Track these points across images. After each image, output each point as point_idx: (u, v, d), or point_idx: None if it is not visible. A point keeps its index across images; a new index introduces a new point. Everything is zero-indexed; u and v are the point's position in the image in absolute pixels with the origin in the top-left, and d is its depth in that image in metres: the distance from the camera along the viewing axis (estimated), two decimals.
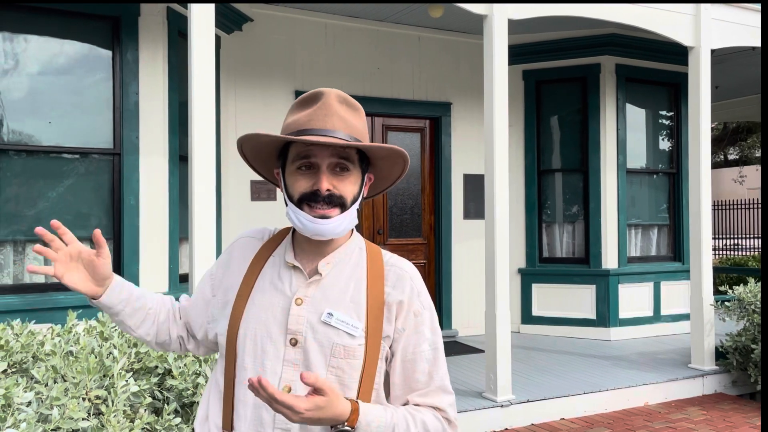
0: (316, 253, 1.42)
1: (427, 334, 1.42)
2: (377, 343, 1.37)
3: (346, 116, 1.37)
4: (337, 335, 1.35)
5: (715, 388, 5.67)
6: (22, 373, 2.47)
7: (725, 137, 19.24)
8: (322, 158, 1.34)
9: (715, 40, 5.90)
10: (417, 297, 1.43)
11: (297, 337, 1.35)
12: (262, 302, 1.39)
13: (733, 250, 18.57)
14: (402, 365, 1.40)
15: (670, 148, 7.73)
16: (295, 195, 1.36)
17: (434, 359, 1.42)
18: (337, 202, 1.34)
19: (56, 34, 4.68)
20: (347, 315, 1.36)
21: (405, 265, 1.47)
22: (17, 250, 4.57)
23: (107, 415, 2.17)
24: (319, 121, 1.34)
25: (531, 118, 7.47)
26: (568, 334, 7.23)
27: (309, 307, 1.37)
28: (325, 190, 1.33)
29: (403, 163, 1.44)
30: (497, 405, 4.71)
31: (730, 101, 10.40)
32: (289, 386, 1.33)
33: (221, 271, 1.50)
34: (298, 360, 1.35)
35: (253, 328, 1.37)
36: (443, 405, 1.41)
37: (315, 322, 1.35)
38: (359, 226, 6.78)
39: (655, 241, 7.63)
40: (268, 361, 1.35)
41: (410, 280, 1.44)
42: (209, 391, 1.47)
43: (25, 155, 4.56)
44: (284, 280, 1.40)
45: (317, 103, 1.37)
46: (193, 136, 3.83)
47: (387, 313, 1.39)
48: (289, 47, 6.36)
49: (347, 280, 1.41)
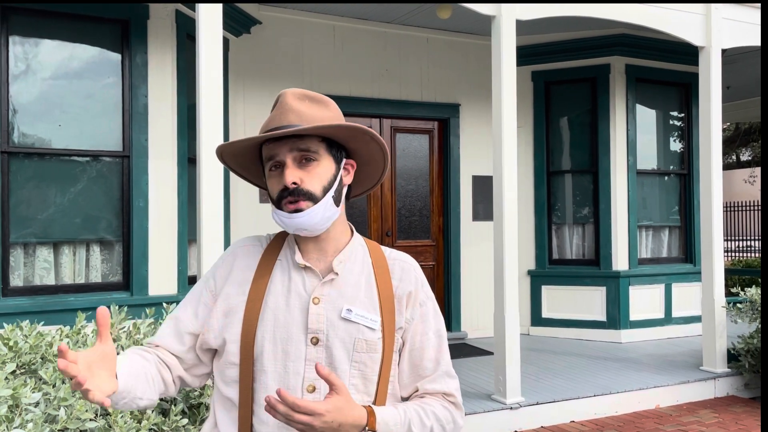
0: (321, 251, 1.44)
1: (432, 322, 1.48)
2: (392, 335, 1.42)
3: (303, 109, 1.38)
4: (357, 330, 1.38)
5: (727, 390, 5.61)
6: (31, 374, 2.48)
7: (737, 138, 19.09)
8: (284, 154, 1.37)
9: (726, 40, 5.86)
10: (422, 287, 1.49)
11: (318, 336, 1.36)
12: (278, 304, 1.39)
13: (745, 251, 18.40)
14: (410, 353, 1.45)
15: (681, 149, 7.67)
16: (273, 196, 1.40)
17: (439, 346, 1.48)
18: (305, 195, 1.36)
19: (66, 37, 4.71)
20: (364, 310, 1.40)
21: (406, 257, 1.53)
22: (28, 253, 4.60)
23: (114, 415, 2.18)
24: (275, 120, 1.38)
25: (540, 119, 7.44)
26: (578, 336, 7.18)
27: (327, 305, 1.38)
28: (291, 183, 1.35)
29: (374, 141, 1.42)
30: (506, 407, 4.68)
31: (742, 102, 10.31)
32: (313, 385, 1.35)
33: (222, 279, 1.45)
34: (320, 358, 1.36)
35: (271, 330, 1.37)
36: (451, 389, 1.47)
37: (335, 319, 1.37)
38: (368, 228, 6.78)
39: (666, 242, 7.58)
40: (290, 362, 1.35)
41: (414, 271, 1.50)
42: (213, 408, 1.44)
43: (35, 158, 4.59)
44: (297, 281, 1.41)
45: (278, 104, 1.42)
46: (200, 138, 3.84)
47: (398, 305, 1.44)
48: (297, 49, 6.37)
49: (358, 276, 1.44)
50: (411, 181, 7.09)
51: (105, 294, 4.73)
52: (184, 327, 1.44)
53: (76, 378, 1.11)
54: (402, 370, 1.45)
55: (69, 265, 4.73)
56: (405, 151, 7.06)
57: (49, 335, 2.78)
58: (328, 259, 1.44)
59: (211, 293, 1.45)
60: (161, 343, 1.44)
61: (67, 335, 2.81)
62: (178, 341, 1.43)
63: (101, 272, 4.81)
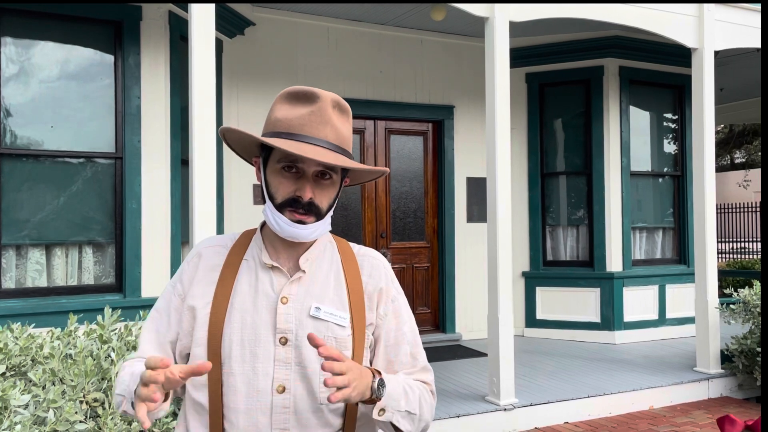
0: (291, 251, 1.43)
1: (405, 317, 1.49)
2: (363, 332, 1.41)
3: (338, 124, 1.38)
4: (327, 328, 1.37)
5: (720, 391, 5.62)
6: (21, 376, 2.47)
7: (731, 140, 19.13)
8: (309, 166, 1.35)
9: (719, 42, 5.88)
10: (392, 283, 1.50)
11: (287, 336, 1.35)
12: (245, 305, 1.37)
13: (739, 253, 18.46)
14: (385, 349, 1.45)
15: (675, 151, 7.69)
16: (278, 198, 1.36)
17: (414, 341, 1.49)
18: (315, 212, 1.37)
19: (58, 39, 4.70)
20: (333, 307, 1.39)
21: (375, 254, 1.53)
22: (20, 254, 4.58)
23: (104, 417, 2.17)
24: (313, 129, 1.34)
25: (534, 121, 7.46)
26: (572, 337, 7.19)
27: (295, 305, 1.37)
28: (308, 198, 1.35)
29: (381, 177, 1.50)
30: (500, 408, 4.68)
31: (736, 104, 10.35)
32: (283, 386, 1.33)
33: (188, 282, 1.43)
34: (289, 358, 1.35)
35: (238, 332, 1.35)
36: (429, 380, 1.49)
37: (303, 318, 1.36)
38: (363, 230, 6.77)
39: (659, 244, 7.59)
40: (258, 363, 1.34)
41: (384, 268, 1.50)
42: (185, 412, 1.41)
43: (27, 159, 4.57)
44: (264, 281, 1.40)
45: (312, 105, 1.36)
46: (193, 139, 3.83)
47: (368, 301, 1.44)
48: (291, 51, 6.37)
49: (327, 273, 1.43)
50: (405, 183, 7.08)
51: (98, 296, 4.71)
52: (163, 337, 1.42)
53: (155, 394, 1.11)
54: (378, 366, 1.44)
55: (61, 266, 4.71)
56: (399, 152, 7.05)
57: (39, 337, 2.76)
58: (297, 257, 1.42)
59: (179, 297, 1.42)
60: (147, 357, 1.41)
61: (58, 337, 2.79)
62: (162, 352, 1.41)
63: (94, 274, 4.79)
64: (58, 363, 2.39)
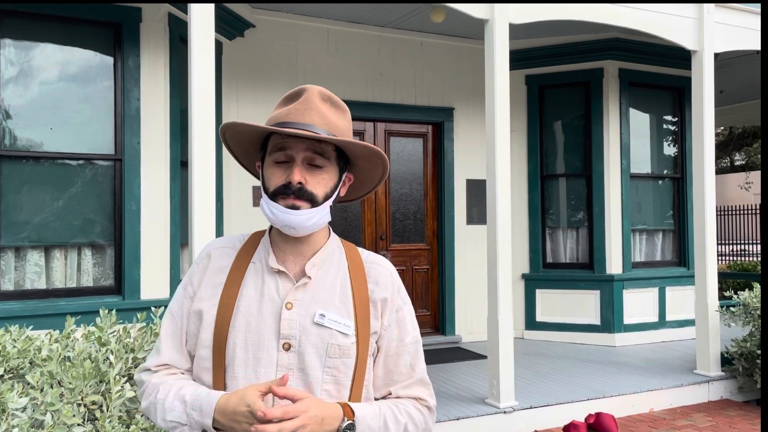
0: (297, 254, 1.42)
1: (409, 328, 1.47)
2: (367, 340, 1.40)
3: (327, 113, 1.38)
4: (330, 335, 1.36)
5: (721, 394, 5.61)
6: (18, 379, 2.46)
7: (731, 142, 19.14)
8: (297, 151, 1.35)
9: (719, 44, 5.88)
10: (398, 293, 1.47)
11: (290, 341, 1.35)
12: (250, 309, 1.37)
13: (739, 255, 18.45)
14: (386, 359, 1.44)
15: (675, 153, 7.69)
16: (270, 188, 1.37)
17: (416, 352, 1.47)
18: (307, 197, 1.35)
19: (58, 40, 4.69)
20: (338, 315, 1.38)
21: (383, 261, 1.50)
22: (19, 256, 4.58)
23: (102, 420, 2.16)
24: (298, 115, 1.35)
25: (534, 123, 7.46)
26: (572, 339, 7.18)
27: (300, 311, 1.36)
28: (297, 182, 1.34)
29: (382, 165, 1.44)
30: (500, 411, 4.67)
31: (735, 106, 10.35)
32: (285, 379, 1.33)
33: (197, 283, 1.43)
34: (292, 364, 1.34)
35: (242, 336, 1.35)
36: (425, 395, 1.47)
37: (308, 325, 1.35)
38: (362, 232, 6.77)
39: (659, 246, 7.59)
40: (261, 368, 1.34)
41: (390, 277, 1.48)
42: None
43: (26, 161, 4.57)
44: (270, 285, 1.39)
45: (300, 98, 1.39)
46: (192, 141, 3.83)
47: (373, 310, 1.42)
48: (291, 53, 6.36)
49: (333, 280, 1.42)
50: (405, 185, 7.08)
51: (96, 298, 4.70)
52: (179, 341, 1.42)
53: None
54: (376, 375, 1.44)
55: (60, 268, 4.70)
56: (399, 154, 7.05)
57: (38, 340, 2.75)
58: (304, 262, 1.41)
59: (190, 299, 1.43)
60: (170, 362, 1.42)
61: (57, 339, 2.79)
62: (183, 357, 1.42)
63: (93, 276, 4.79)
64: (56, 365, 2.38)
